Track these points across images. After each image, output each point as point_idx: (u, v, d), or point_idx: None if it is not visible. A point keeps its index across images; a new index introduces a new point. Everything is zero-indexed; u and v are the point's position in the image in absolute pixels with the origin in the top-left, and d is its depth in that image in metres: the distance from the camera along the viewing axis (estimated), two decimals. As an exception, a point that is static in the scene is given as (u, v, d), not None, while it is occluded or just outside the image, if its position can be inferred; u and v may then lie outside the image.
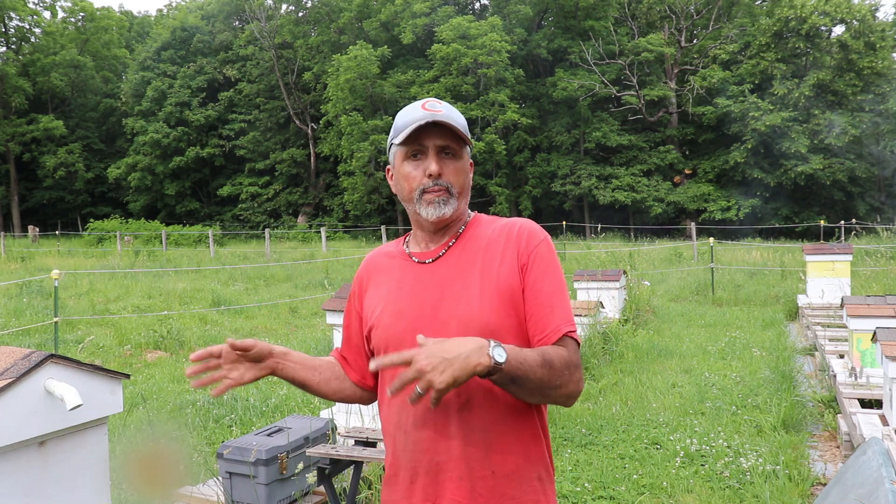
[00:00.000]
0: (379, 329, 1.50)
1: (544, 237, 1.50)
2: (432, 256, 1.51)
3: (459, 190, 1.48)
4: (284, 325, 10.02)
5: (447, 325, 1.41)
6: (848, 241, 17.17)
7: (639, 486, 3.94)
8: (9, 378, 1.87)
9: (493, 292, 1.42)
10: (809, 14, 27.55)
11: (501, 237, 1.49)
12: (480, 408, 1.39)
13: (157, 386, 6.48)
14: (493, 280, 1.44)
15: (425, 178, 1.45)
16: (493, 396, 1.39)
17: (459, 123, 1.47)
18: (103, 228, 29.47)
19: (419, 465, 1.42)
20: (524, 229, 1.50)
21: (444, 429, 1.40)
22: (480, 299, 1.42)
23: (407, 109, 1.49)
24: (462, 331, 1.39)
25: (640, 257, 15.75)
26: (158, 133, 36.14)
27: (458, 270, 1.47)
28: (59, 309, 8.34)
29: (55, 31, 40.43)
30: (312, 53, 36.35)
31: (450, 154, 1.47)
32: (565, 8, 31.93)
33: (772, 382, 6.02)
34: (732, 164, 28.40)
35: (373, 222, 31.32)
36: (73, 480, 2.06)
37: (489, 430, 1.40)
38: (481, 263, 1.46)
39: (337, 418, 4.43)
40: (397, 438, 1.46)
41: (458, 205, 1.48)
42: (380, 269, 1.58)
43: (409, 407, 1.41)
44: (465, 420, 1.39)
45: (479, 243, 1.49)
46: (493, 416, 1.40)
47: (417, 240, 1.56)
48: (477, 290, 1.43)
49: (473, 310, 1.41)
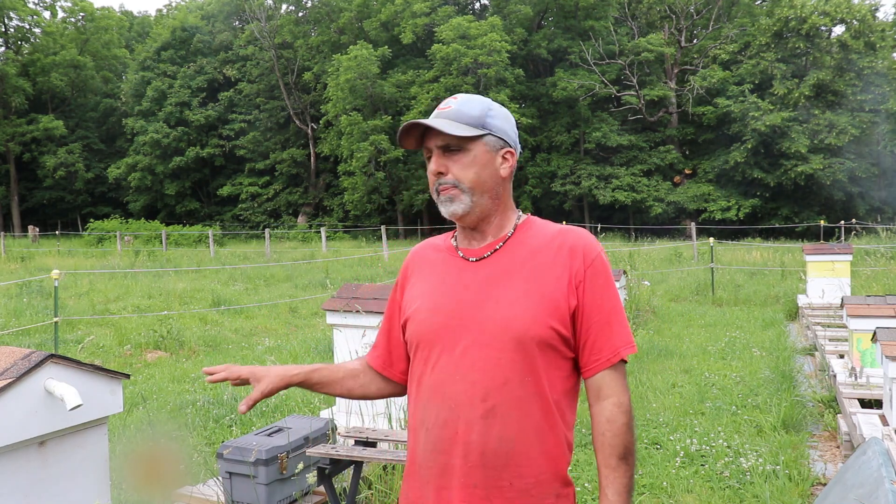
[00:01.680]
0: (414, 322, 1.47)
1: (599, 251, 1.45)
2: (478, 255, 1.46)
3: (470, 185, 1.43)
4: (284, 325, 10.02)
5: (483, 327, 1.38)
6: (848, 241, 17.17)
7: (639, 486, 3.94)
8: (9, 378, 1.87)
9: (538, 302, 1.38)
10: (809, 14, 27.55)
11: (553, 245, 1.44)
12: (505, 417, 1.36)
13: (157, 386, 6.48)
14: (538, 289, 1.39)
15: (434, 178, 1.45)
16: (521, 407, 1.36)
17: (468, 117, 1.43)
18: (103, 228, 29.47)
19: (436, 464, 1.40)
20: (579, 242, 1.44)
21: (466, 433, 1.37)
22: (523, 307, 1.38)
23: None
24: (497, 334, 1.37)
25: (640, 257, 15.75)
26: (158, 133, 36.13)
27: (504, 273, 1.42)
28: (59, 309, 8.34)
29: (55, 31, 40.42)
30: (312, 53, 36.34)
31: (455, 150, 1.43)
32: (565, 8, 31.93)
33: (772, 382, 6.02)
34: (732, 164, 28.40)
35: (373, 222, 31.32)
36: (73, 480, 2.06)
37: (513, 441, 1.36)
38: (529, 270, 1.42)
39: (337, 418, 4.43)
40: (419, 435, 1.44)
41: (471, 201, 1.43)
42: (425, 262, 1.55)
43: (435, 405, 1.40)
44: (488, 427, 1.36)
45: (528, 249, 1.45)
46: (518, 427, 1.36)
47: (460, 237, 1.53)
48: (520, 295, 1.39)
49: (513, 316, 1.37)
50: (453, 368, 1.39)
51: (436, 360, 1.41)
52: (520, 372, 1.36)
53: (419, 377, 1.45)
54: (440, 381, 1.40)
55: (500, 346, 1.36)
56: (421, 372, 1.45)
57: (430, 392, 1.42)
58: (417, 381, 1.46)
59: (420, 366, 1.45)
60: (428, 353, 1.43)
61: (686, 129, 31.83)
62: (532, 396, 1.37)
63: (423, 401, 1.43)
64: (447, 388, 1.39)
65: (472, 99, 1.47)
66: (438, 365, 1.41)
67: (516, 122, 11.20)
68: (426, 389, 1.43)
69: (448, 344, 1.40)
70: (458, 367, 1.38)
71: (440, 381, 1.40)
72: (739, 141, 28.41)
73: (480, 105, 1.46)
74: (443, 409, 1.39)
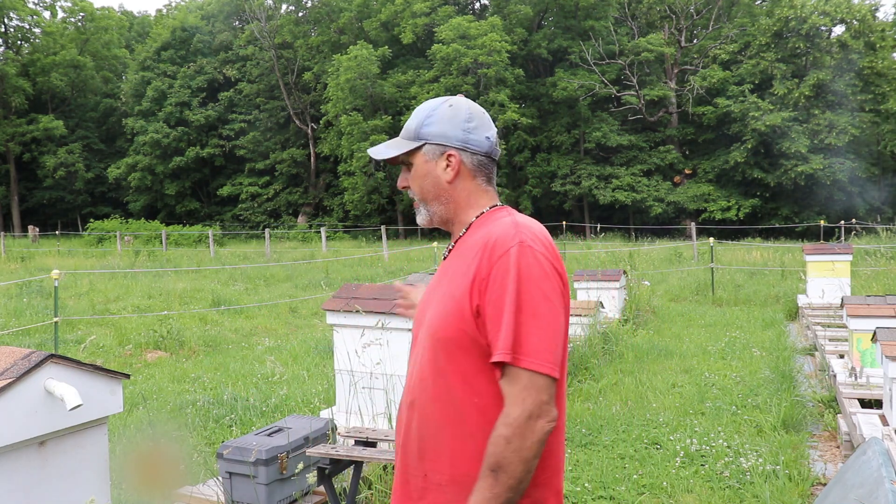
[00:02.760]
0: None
1: (509, 248, 1.34)
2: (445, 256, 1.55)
3: (420, 197, 1.52)
4: (284, 325, 10.02)
5: (424, 326, 1.47)
6: (848, 241, 17.17)
7: (639, 486, 3.94)
8: (9, 378, 1.87)
9: (451, 302, 1.39)
10: (809, 14, 27.55)
11: (478, 244, 1.40)
12: (421, 412, 1.42)
13: (157, 386, 6.48)
14: (454, 289, 1.40)
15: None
16: (433, 404, 1.40)
17: (406, 131, 1.52)
18: (103, 228, 29.47)
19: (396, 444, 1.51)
20: (492, 239, 1.38)
21: (401, 421, 1.49)
22: (442, 306, 1.42)
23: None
24: (426, 333, 1.45)
25: (640, 257, 15.76)
26: (158, 133, 36.13)
27: (444, 274, 1.49)
28: (59, 309, 8.34)
29: (55, 31, 40.41)
30: (312, 53, 36.34)
31: (408, 166, 1.54)
32: (565, 8, 31.93)
33: (772, 382, 6.02)
34: (732, 164, 28.40)
35: (373, 222, 31.32)
36: (73, 480, 2.06)
37: (424, 437, 1.41)
38: (454, 270, 1.45)
39: (337, 418, 4.43)
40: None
41: (427, 210, 1.53)
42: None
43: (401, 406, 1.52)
44: (409, 418, 1.45)
45: (463, 248, 1.47)
46: (430, 423, 1.41)
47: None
48: (442, 296, 1.43)
49: (433, 316, 1.43)
50: (410, 361, 1.52)
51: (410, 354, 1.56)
52: (432, 370, 1.40)
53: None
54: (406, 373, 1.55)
55: (426, 345, 1.44)
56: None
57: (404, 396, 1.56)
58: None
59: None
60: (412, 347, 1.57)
61: (686, 129, 31.82)
62: (443, 395, 1.38)
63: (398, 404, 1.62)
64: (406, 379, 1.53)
65: (418, 110, 1.53)
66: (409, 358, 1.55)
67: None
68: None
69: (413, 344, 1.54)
70: (411, 360, 1.52)
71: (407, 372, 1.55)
72: (739, 141, 28.41)
73: (420, 115, 1.51)
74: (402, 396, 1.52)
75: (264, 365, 7.00)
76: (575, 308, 7.58)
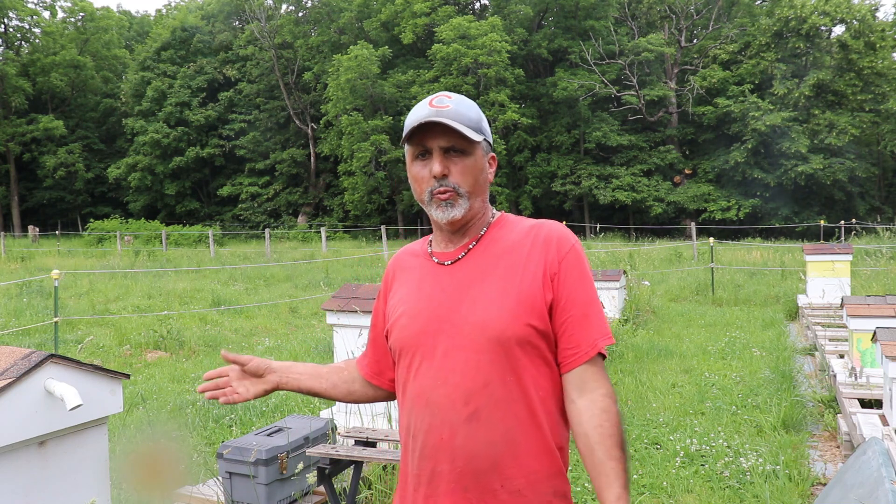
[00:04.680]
0: (395, 330, 1.46)
1: (573, 243, 1.43)
2: (452, 258, 1.45)
3: (469, 189, 1.41)
4: (284, 325, 10.02)
5: (460, 329, 1.37)
6: (848, 241, 17.18)
7: (639, 486, 3.94)
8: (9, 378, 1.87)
9: (514, 299, 1.36)
10: (809, 14, 27.56)
11: (527, 241, 1.42)
12: (489, 419, 1.34)
13: (157, 386, 6.48)
14: (514, 286, 1.37)
15: (432, 180, 1.40)
16: (504, 408, 1.34)
17: (468, 119, 1.40)
18: (103, 228, 29.47)
19: (423, 472, 1.38)
20: (553, 234, 1.43)
21: (451, 438, 1.35)
22: (499, 305, 1.36)
23: (416, 107, 1.43)
24: (475, 335, 1.35)
25: (640, 257, 15.76)
26: (158, 133, 36.13)
27: (478, 274, 1.41)
28: (59, 309, 8.34)
29: (55, 31, 40.42)
30: (312, 53, 36.35)
31: (457, 152, 1.40)
32: (565, 8, 31.93)
33: (772, 382, 6.02)
34: (732, 164, 28.40)
35: (373, 222, 31.32)
36: (73, 480, 2.06)
37: (498, 443, 1.34)
38: (503, 268, 1.40)
39: (337, 418, 4.43)
40: (408, 444, 1.43)
41: (469, 205, 1.42)
42: (404, 269, 1.54)
43: (420, 411, 1.39)
44: (472, 430, 1.34)
45: (502, 246, 1.43)
46: (503, 429, 1.34)
47: (438, 239, 1.51)
48: (496, 294, 1.37)
49: (490, 315, 1.35)
50: (434, 373, 1.37)
51: (418, 366, 1.40)
52: (500, 373, 1.34)
53: (404, 384, 1.44)
54: (423, 388, 1.38)
55: (479, 348, 1.35)
56: (405, 379, 1.43)
57: (413, 399, 1.40)
58: (402, 387, 1.45)
59: (404, 372, 1.44)
60: (410, 359, 1.42)
61: (686, 129, 31.83)
62: (515, 397, 1.35)
63: (409, 408, 1.42)
64: (430, 393, 1.37)
65: (465, 100, 1.44)
66: (420, 371, 1.39)
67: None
68: (410, 396, 1.42)
69: (428, 349, 1.39)
70: (438, 371, 1.37)
71: (423, 387, 1.38)
72: (739, 141, 28.42)
73: (476, 108, 1.45)
74: (426, 416, 1.37)
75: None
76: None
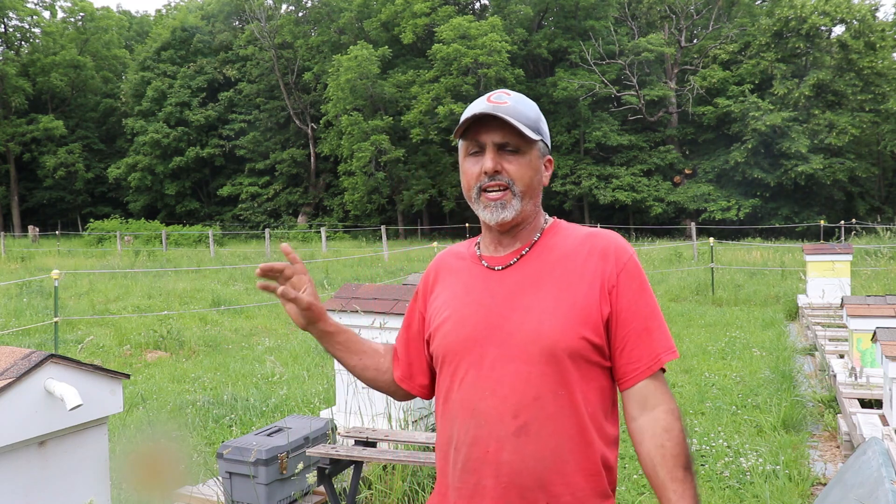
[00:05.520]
0: (439, 336, 1.40)
1: (631, 254, 1.39)
2: (503, 263, 1.39)
3: (523, 189, 1.35)
4: (284, 325, 10.02)
5: (511, 339, 1.31)
6: (848, 241, 17.18)
7: (639, 486, 3.94)
8: (9, 378, 1.87)
9: (568, 310, 1.31)
10: (809, 14, 27.56)
11: (583, 250, 1.37)
12: (539, 434, 1.29)
13: (157, 386, 6.48)
14: (569, 297, 1.32)
15: (482, 176, 1.35)
16: (554, 423, 1.29)
17: (526, 117, 1.35)
18: (103, 228, 29.48)
19: (465, 486, 1.33)
20: (610, 245, 1.38)
21: (498, 452, 1.29)
22: (553, 316, 1.31)
23: (473, 103, 1.38)
24: (526, 346, 1.30)
25: (640, 257, 15.67)
26: (158, 133, 36.14)
27: (531, 282, 1.35)
28: (59, 309, 8.35)
29: (55, 31, 40.44)
30: (312, 53, 36.35)
31: (512, 150, 1.35)
32: (565, 8, 31.93)
33: (772, 382, 6.02)
34: (732, 164, 28.40)
35: (373, 222, 31.32)
36: (73, 480, 2.06)
37: (547, 459, 1.29)
38: (558, 277, 1.35)
39: (337, 418, 4.43)
40: (448, 454, 1.37)
41: (521, 206, 1.36)
42: (449, 271, 1.48)
43: (464, 422, 1.33)
44: (521, 445, 1.29)
45: (556, 254, 1.38)
46: (553, 444, 1.29)
47: (486, 242, 1.44)
48: (550, 304, 1.32)
49: (543, 326, 1.30)
50: (482, 383, 1.32)
51: (463, 375, 1.35)
52: (552, 386, 1.29)
53: (446, 392, 1.38)
54: (468, 397, 1.33)
55: (530, 359, 1.30)
56: (448, 387, 1.38)
57: (458, 408, 1.35)
58: (445, 396, 1.39)
59: (447, 380, 1.38)
60: (455, 367, 1.36)
61: (686, 129, 31.83)
62: (566, 412, 1.30)
63: (451, 417, 1.36)
64: (476, 404, 1.32)
65: (525, 98, 1.40)
66: (466, 380, 1.34)
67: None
68: (454, 405, 1.36)
69: (476, 358, 1.33)
70: (486, 381, 1.32)
71: (468, 396, 1.33)
72: (739, 141, 28.42)
73: (534, 107, 1.41)
74: (472, 427, 1.32)
75: (264, 365, 7.00)
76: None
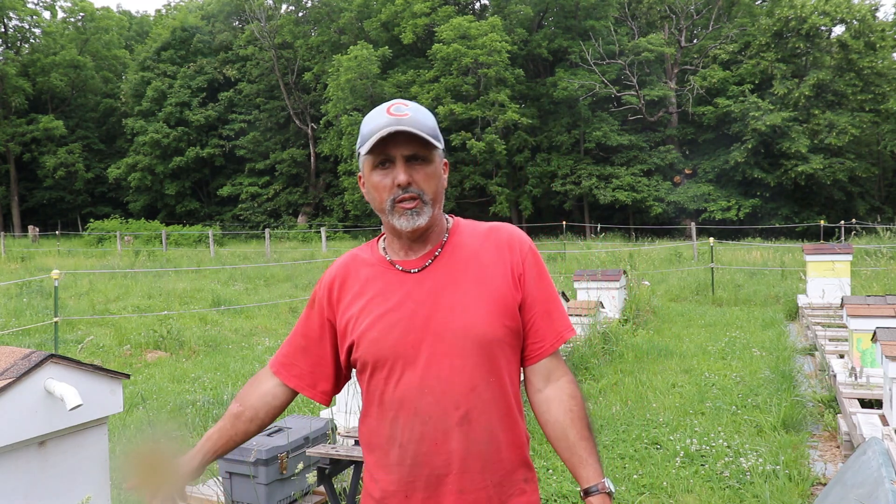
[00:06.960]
0: (365, 342, 1.42)
1: (531, 243, 1.52)
2: (419, 266, 1.44)
3: (432, 196, 1.41)
4: (284, 325, 10.02)
5: (442, 336, 1.38)
6: (848, 241, 17.17)
7: (639, 486, 3.94)
8: (9, 378, 1.87)
9: (489, 302, 1.41)
10: (809, 14, 27.55)
11: (489, 244, 1.47)
12: (479, 421, 1.39)
13: (157, 386, 6.48)
14: (487, 290, 1.42)
15: (395, 188, 1.39)
16: (490, 409, 1.40)
17: (427, 126, 1.39)
18: (103, 228, 29.48)
19: (417, 479, 1.39)
20: (514, 236, 1.50)
21: (445, 442, 1.38)
22: (477, 310, 1.39)
23: (372, 114, 1.41)
24: (460, 340, 1.37)
25: (640, 257, 15.75)
26: (158, 133, 36.14)
27: (449, 280, 1.42)
28: (59, 309, 8.35)
29: (55, 32, 40.43)
30: (312, 53, 36.35)
31: (419, 160, 1.40)
32: (565, 8, 31.93)
33: (772, 382, 6.01)
34: (732, 164, 28.41)
35: (373, 222, 31.31)
36: (73, 480, 2.06)
37: (488, 442, 1.40)
38: (473, 273, 1.43)
39: (337, 418, 4.43)
40: (390, 452, 1.42)
41: (432, 212, 1.41)
42: (356, 278, 1.49)
43: (406, 421, 1.39)
44: (464, 433, 1.38)
45: (466, 252, 1.46)
46: (492, 428, 1.40)
47: (395, 247, 1.48)
48: (472, 299, 1.40)
49: (470, 320, 1.38)
50: (419, 381, 1.38)
51: (399, 377, 1.39)
52: (484, 375, 1.39)
53: (380, 395, 1.42)
54: (406, 397, 1.39)
55: (464, 353, 1.37)
56: (382, 389, 1.42)
57: (396, 408, 1.40)
58: (378, 398, 1.43)
59: (381, 383, 1.42)
60: (389, 370, 1.40)
61: (686, 129, 31.83)
62: (498, 395, 1.41)
63: (390, 418, 1.41)
64: (416, 402, 1.38)
65: (420, 107, 1.42)
66: (402, 381, 1.39)
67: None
68: (391, 406, 1.40)
69: (409, 359, 1.39)
70: (423, 379, 1.38)
71: (406, 396, 1.39)
72: (739, 141, 28.41)
73: (431, 115, 1.44)
74: (417, 424, 1.38)
75: (264, 365, 6.99)
76: (575, 308, 7.59)
